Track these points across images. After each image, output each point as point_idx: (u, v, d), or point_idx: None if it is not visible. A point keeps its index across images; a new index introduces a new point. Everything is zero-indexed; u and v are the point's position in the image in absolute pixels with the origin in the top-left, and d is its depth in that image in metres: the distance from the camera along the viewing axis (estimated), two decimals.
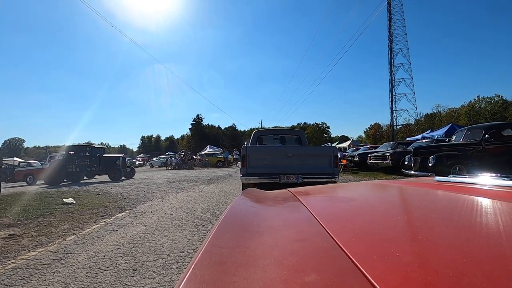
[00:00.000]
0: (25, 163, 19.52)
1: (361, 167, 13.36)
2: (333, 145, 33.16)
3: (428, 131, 19.68)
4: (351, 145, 23.71)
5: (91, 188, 8.84)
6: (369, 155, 11.80)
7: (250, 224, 0.61)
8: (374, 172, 11.49)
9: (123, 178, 12.92)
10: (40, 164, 20.42)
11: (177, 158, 24.57)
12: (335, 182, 4.96)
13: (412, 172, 7.70)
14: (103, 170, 12.84)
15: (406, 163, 8.41)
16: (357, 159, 13.44)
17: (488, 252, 0.36)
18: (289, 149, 5.44)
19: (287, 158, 5.01)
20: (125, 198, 6.43)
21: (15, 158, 21.31)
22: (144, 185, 9.56)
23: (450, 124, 17.05)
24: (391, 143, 14.13)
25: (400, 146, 12.55)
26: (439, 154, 7.10)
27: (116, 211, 5.00)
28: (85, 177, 13.81)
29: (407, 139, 22.12)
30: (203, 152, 29.93)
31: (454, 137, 8.29)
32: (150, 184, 9.87)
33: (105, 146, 14.28)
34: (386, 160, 10.26)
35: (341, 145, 27.77)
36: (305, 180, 4.86)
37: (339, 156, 13.77)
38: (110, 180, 12.36)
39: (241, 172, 4.98)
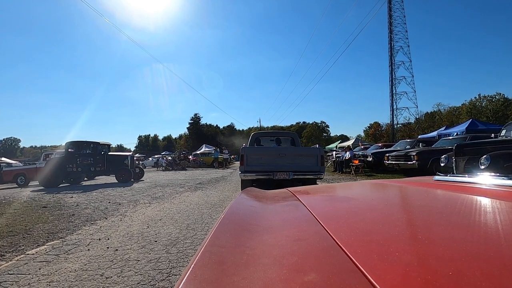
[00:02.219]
0: (4, 164, 17.83)
1: (374, 168, 11.65)
2: (336, 144, 31.77)
3: (443, 127, 17.94)
4: (360, 144, 21.96)
5: (47, 197, 7.09)
6: (387, 155, 10.05)
7: (250, 224, 0.61)
8: (394, 174, 9.76)
9: (131, 180, 11.01)
10: (22, 165, 18.69)
11: (169, 158, 22.76)
12: (321, 179, 5.79)
13: None
14: (109, 170, 10.89)
15: (442, 164, 6.66)
16: (371, 159, 11.68)
17: (488, 252, 0.35)
18: (281, 149, 6.06)
19: (279, 157, 5.55)
20: (73, 215, 4.68)
21: (3, 158, 19.52)
22: (116, 191, 7.81)
23: (471, 120, 15.33)
24: (408, 140, 12.44)
25: (417, 144, 10.87)
26: (494, 154, 5.36)
27: (37, 241, 3.27)
28: (88, 178, 12.17)
29: (419, 137, 20.50)
30: (198, 152, 28.19)
31: (503, 131, 6.59)
32: (124, 190, 8.12)
33: (109, 143, 12.37)
34: (411, 161, 8.51)
35: (344, 144, 26.16)
36: (295, 176, 5.40)
37: (349, 156, 12.15)
38: (117, 182, 10.56)
39: (240, 170, 5.61)
